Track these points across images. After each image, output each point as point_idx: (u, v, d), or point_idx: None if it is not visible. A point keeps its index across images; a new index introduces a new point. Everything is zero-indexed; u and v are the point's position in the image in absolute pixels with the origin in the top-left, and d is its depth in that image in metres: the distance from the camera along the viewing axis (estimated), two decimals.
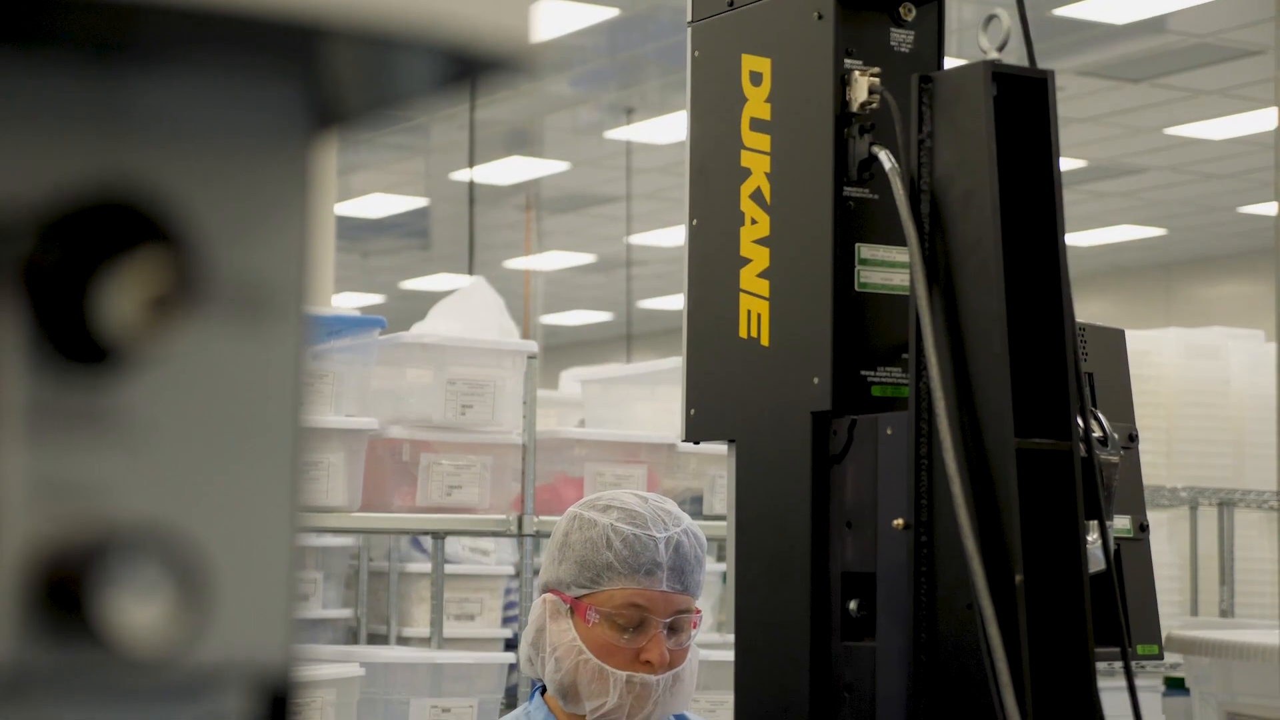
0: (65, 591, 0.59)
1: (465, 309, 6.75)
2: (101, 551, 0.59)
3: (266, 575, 0.65)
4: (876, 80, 2.22)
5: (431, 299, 7.48)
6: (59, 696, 0.61)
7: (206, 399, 0.64)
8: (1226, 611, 6.38)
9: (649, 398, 6.02)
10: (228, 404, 0.65)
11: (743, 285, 2.35)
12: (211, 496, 0.64)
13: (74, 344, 0.60)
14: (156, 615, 0.59)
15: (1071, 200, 13.40)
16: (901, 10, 2.30)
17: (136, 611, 0.58)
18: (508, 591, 6.72)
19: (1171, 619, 5.54)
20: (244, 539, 0.64)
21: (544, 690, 2.95)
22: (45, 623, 0.60)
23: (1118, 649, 2.11)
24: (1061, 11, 9.64)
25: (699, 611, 2.87)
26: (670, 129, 12.55)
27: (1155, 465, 6.14)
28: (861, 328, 2.25)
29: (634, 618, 2.81)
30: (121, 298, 0.59)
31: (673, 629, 2.83)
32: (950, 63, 2.31)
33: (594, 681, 2.81)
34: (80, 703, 0.61)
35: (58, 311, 0.59)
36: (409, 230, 16.90)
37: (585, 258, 18.11)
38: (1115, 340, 2.48)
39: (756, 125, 2.35)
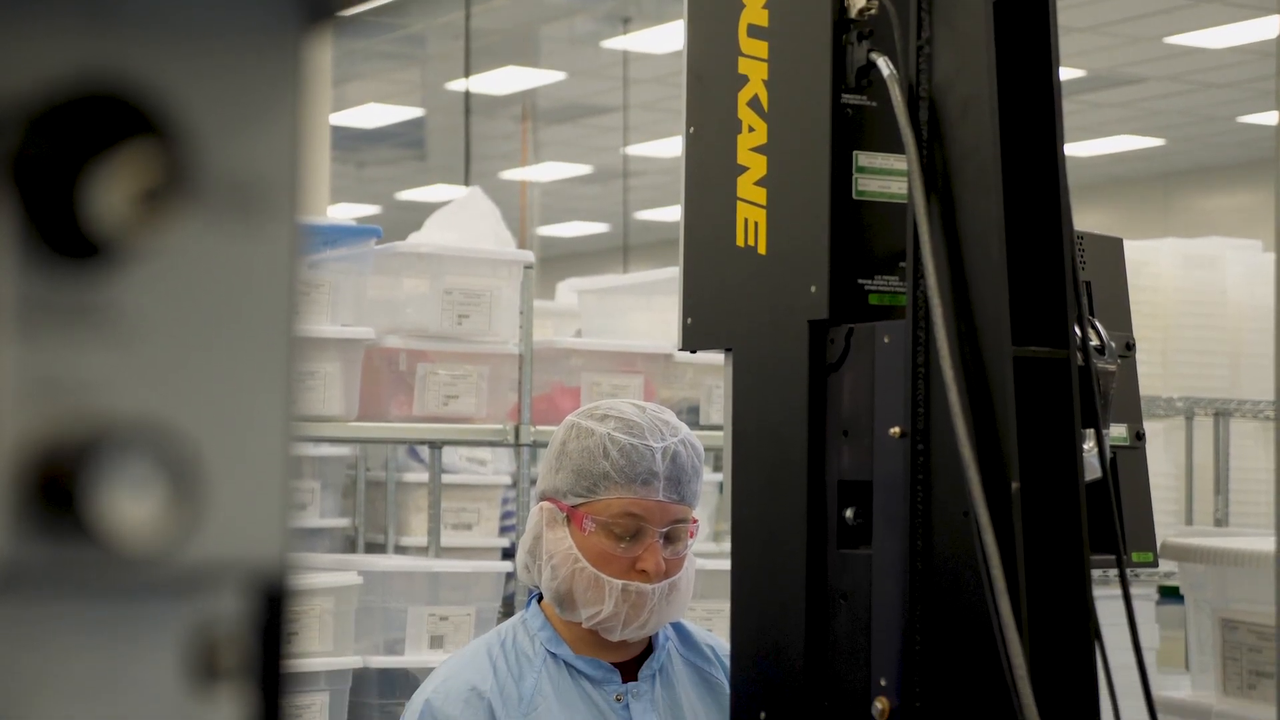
0: (58, 488, 0.58)
1: (461, 220, 6.73)
2: (94, 448, 0.58)
3: (261, 474, 0.64)
4: None
5: (427, 210, 7.47)
6: (52, 594, 0.60)
7: (199, 296, 0.64)
8: (1221, 521, 6.40)
9: (645, 308, 6.01)
10: (220, 301, 0.64)
11: (740, 193, 2.34)
12: (204, 394, 0.63)
13: (64, 239, 0.60)
14: (149, 512, 0.58)
15: (1070, 110, 13.35)
16: None
17: (129, 508, 0.58)
18: (505, 501, 6.74)
19: (1166, 528, 5.56)
20: (238, 437, 0.64)
21: (541, 598, 2.96)
22: (38, 520, 0.59)
23: (1113, 557, 2.11)
24: None
25: (696, 521, 2.88)
26: (667, 38, 12.48)
27: (1151, 376, 6.15)
28: (859, 236, 2.24)
29: (630, 527, 2.82)
30: (112, 192, 0.59)
31: (669, 538, 2.84)
32: None
33: (590, 590, 2.82)
34: (74, 600, 0.61)
35: (47, 206, 0.59)
36: (404, 141, 16.84)
37: (582, 169, 18.06)
38: (1113, 249, 2.48)
39: (754, 32, 2.33)
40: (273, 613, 0.65)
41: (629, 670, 2.91)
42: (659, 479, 2.82)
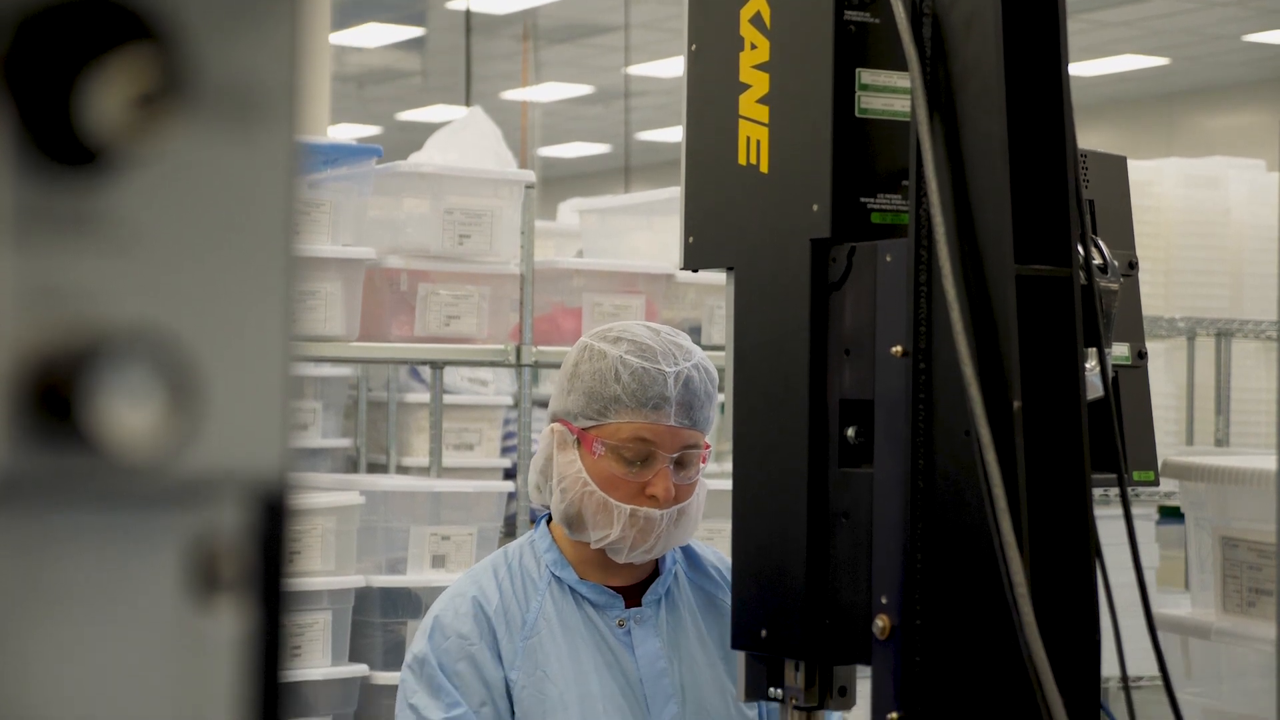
0: (56, 397, 0.58)
1: (462, 140, 6.71)
2: (91, 356, 0.58)
3: (260, 384, 0.64)
4: None
5: (428, 130, 7.44)
6: (51, 503, 0.60)
7: (196, 203, 0.63)
8: (1222, 441, 6.41)
9: (647, 228, 6.00)
10: (218, 209, 0.64)
11: (742, 111, 2.33)
12: (203, 302, 0.63)
13: (60, 145, 0.59)
14: (147, 420, 0.58)
15: (1074, 29, 13.26)
16: None
17: (127, 416, 0.58)
18: (506, 422, 6.75)
19: (1167, 449, 5.56)
20: (236, 345, 0.63)
21: (550, 519, 2.96)
22: (36, 429, 0.59)
23: (1114, 475, 2.11)
24: None
25: (708, 447, 2.87)
26: None
27: (1153, 296, 6.14)
28: (861, 154, 2.23)
29: (640, 452, 2.81)
30: (107, 97, 0.58)
31: (680, 464, 2.83)
32: None
33: (598, 513, 2.82)
34: (73, 510, 0.61)
35: (42, 111, 0.58)
36: (405, 61, 16.76)
37: (583, 89, 17.97)
38: (1117, 167, 2.47)
39: None
40: (273, 524, 0.64)
41: (635, 594, 2.92)
42: (670, 404, 2.81)
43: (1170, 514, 6.08)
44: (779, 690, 2.32)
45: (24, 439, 0.59)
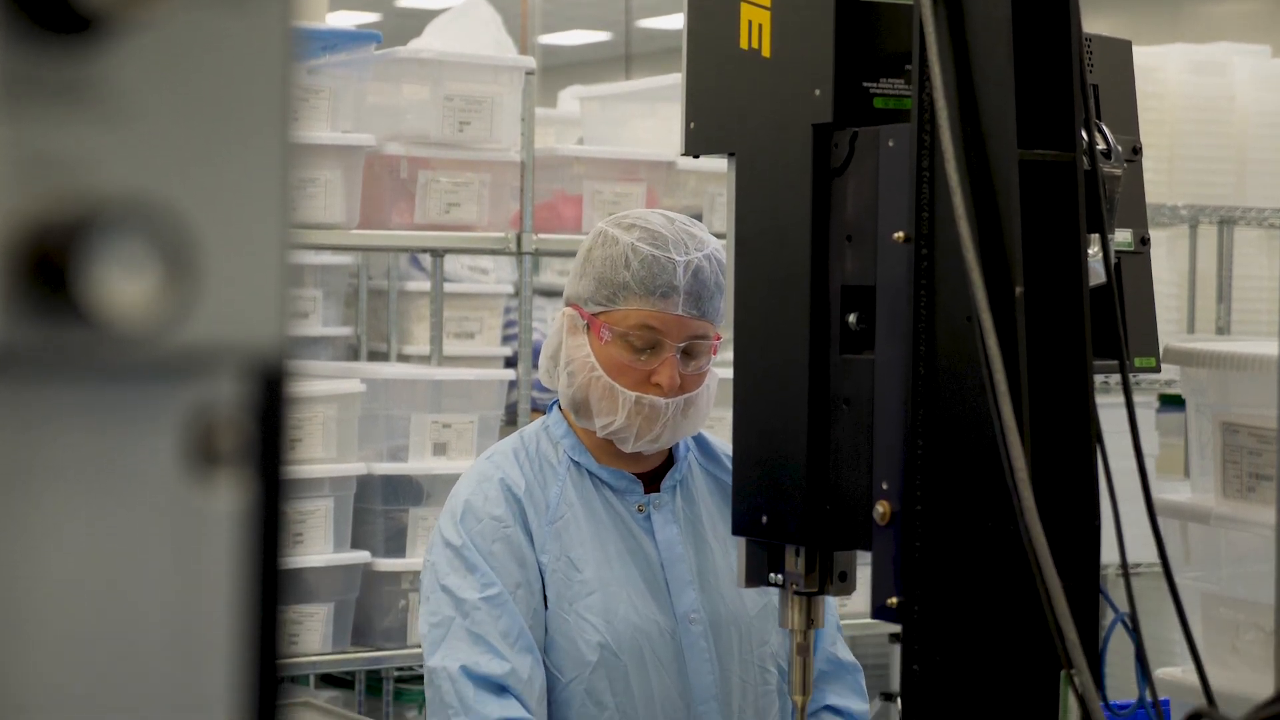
0: (50, 268, 0.57)
1: (462, 26, 6.65)
2: (86, 226, 0.57)
3: (258, 256, 0.63)
4: None
5: (427, 16, 7.37)
6: (47, 377, 0.60)
7: (191, 73, 0.62)
8: (1223, 329, 6.41)
9: (648, 115, 5.96)
10: (214, 82, 0.63)
11: None
12: (198, 173, 0.62)
13: (51, 13, 0.58)
14: (143, 290, 0.57)
15: None
16: None
17: (122, 286, 0.57)
18: (507, 310, 6.74)
19: (1168, 336, 5.56)
20: (232, 217, 0.62)
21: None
22: (30, 301, 0.58)
23: (1116, 361, 2.11)
24: None
25: (719, 337, 2.87)
26: None
27: (1156, 184, 6.12)
28: (864, 38, 2.21)
29: (647, 339, 2.81)
30: None
31: (688, 354, 2.83)
32: None
33: (604, 399, 2.82)
34: (69, 383, 0.60)
35: None
36: None
37: None
38: (1121, 51, 2.44)
39: None
40: (271, 397, 0.64)
41: (650, 481, 2.93)
42: (679, 293, 2.81)
43: (1170, 402, 6.09)
44: (779, 576, 2.33)
45: (18, 311, 0.59)
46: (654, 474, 2.94)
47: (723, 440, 3.01)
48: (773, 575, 2.34)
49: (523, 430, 2.99)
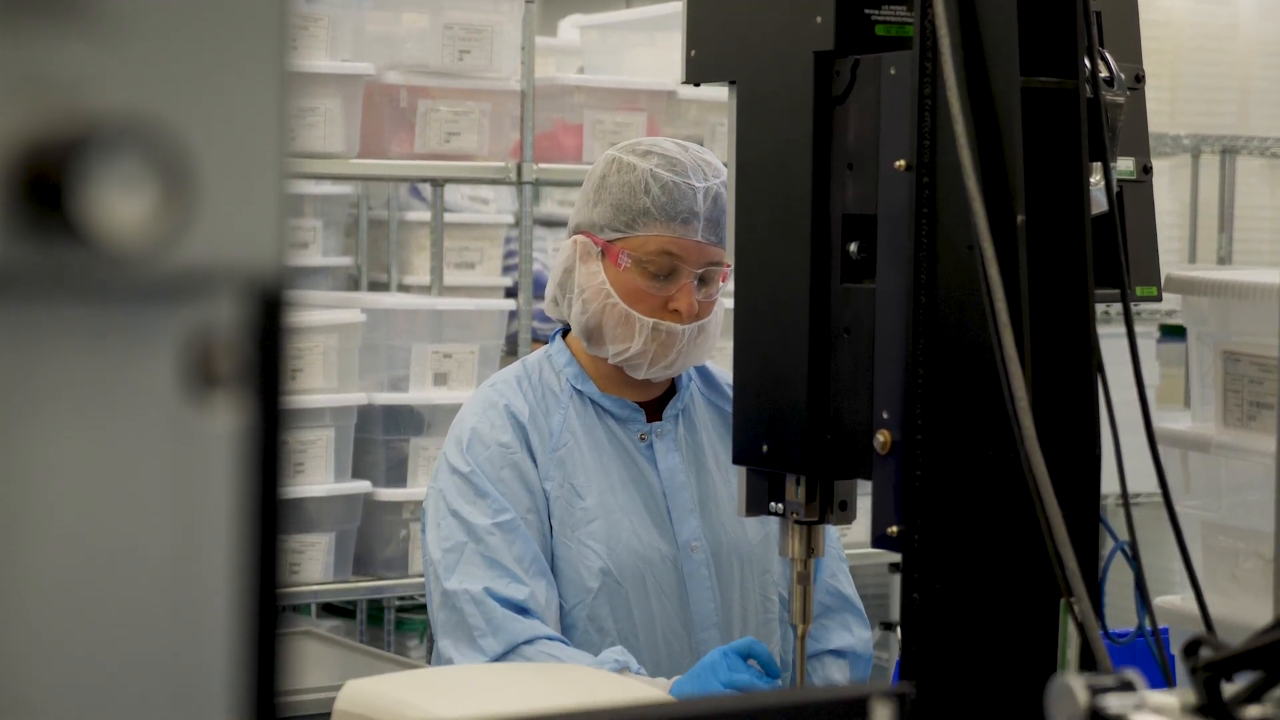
0: (46, 187, 0.57)
1: None
2: (82, 145, 0.56)
3: (255, 179, 0.63)
4: None
5: None
6: (44, 298, 0.59)
7: None
8: (1225, 259, 6.40)
9: (649, 44, 5.93)
10: (212, 1, 0.62)
11: None
12: (196, 94, 0.61)
13: None
14: (139, 210, 0.57)
15: None
16: None
17: (118, 205, 0.56)
18: (507, 240, 6.73)
19: (1170, 266, 5.55)
20: (230, 138, 0.62)
21: (565, 333, 2.97)
22: (26, 220, 0.58)
23: (1117, 290, 2.11)
24: None
25: (729, 265, 2.87)
26: None
27: (1159, 113, 6.09)
28: None
29: (666, 265, 2.81)
30: None
31: (703, 280, 2.83)
32: None
33: (620, 326, 2.82)
34: (66, 304, 0.60)
35: None
36: None
37: None
38: None
39: None
40: (269, 320, 0.64)
41: (652, 410, 2.93)
42: (699, 219, 2.81)
43: (1171, 332, 6.09)
44: (780, 505, 2.33)
45: (14, 231, 0.58)
46: (656, 403, 2.94)
47: (724, 370, 3.00)
48: (773, 504, 2.34)
49: (525, 359, 2.99)
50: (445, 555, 2.75)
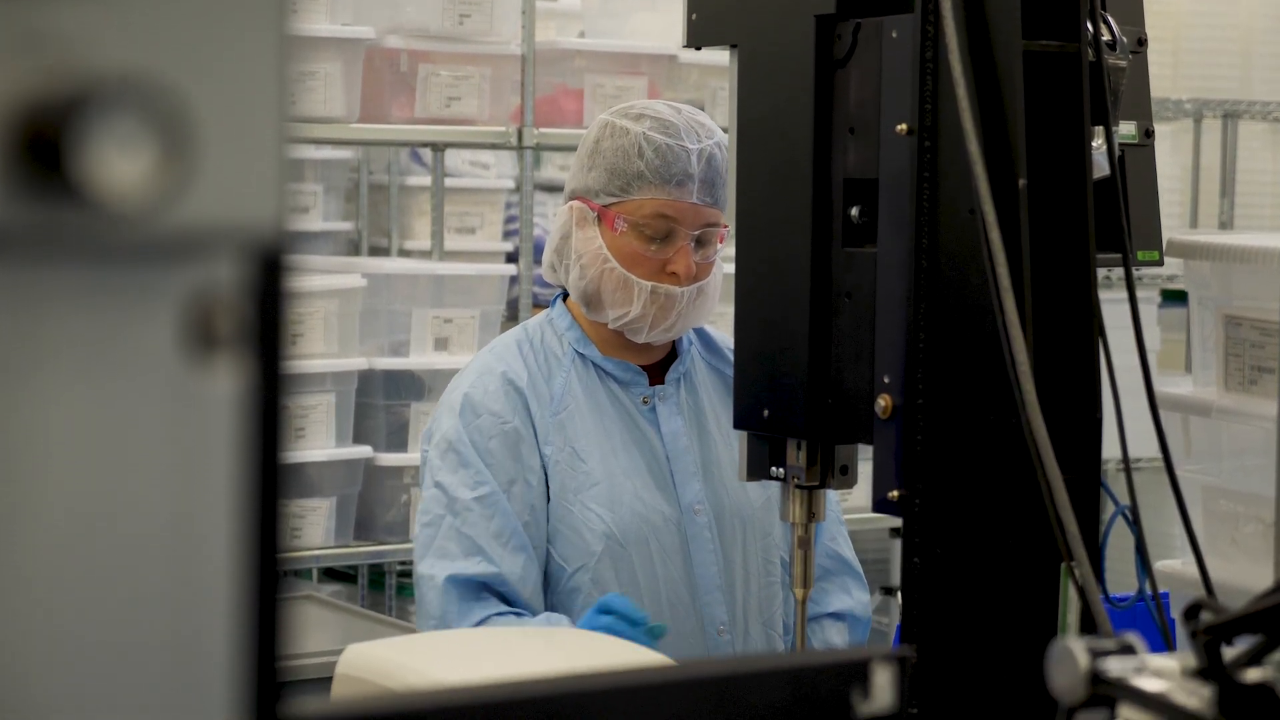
0: (44, 146, 0.56)
1: None
2: (81, 104, 0.56)
3: (255, 137, 0.62)
4: None
5: None
6: (43, 258, 0.59)
7: None
8: (1226, 224, 6.39)
9: (650, 8, 5.91)
10: None
11: None
12: (196, 54, 0.61)
13: None
14: (139, 169, 0.56)
15: None
16: None
17: (117, 164, 0.56)
18: (508, 205, 6.72)
19: (1171, 231, 5.54)
20: (230, 98, 0.62)
21: (566, 296, 2.96)
22: (24, 180, 0.57)
23: (1119, 254, 2.10)
24: None
25: (726, 226, 2.86)
26: None
27: (1161, 78, 6.06)
28: None
29: (662, 228, 2.81)
30: None
31: (700, 242, 2.83)
32: None
33: (618, 290, 2.82)
34: (65, 265, 0.60)
35: None
36: None
37: None
38: None
39: None
40: (270, 279, 0.63)
41: (654, 374, 2.93)
42: (693, 181, 2.81)
43: (1172, 298, 6.08)
44: (781, 469, 2.33)
45: (12, 190, 0.58)
46: (658, 367, 2.94)
47: (724, 334, 3.00)
48: (774, 469, 2.34)
49: (526, 323, 2.99)
50: (423, 530, 2.79)
